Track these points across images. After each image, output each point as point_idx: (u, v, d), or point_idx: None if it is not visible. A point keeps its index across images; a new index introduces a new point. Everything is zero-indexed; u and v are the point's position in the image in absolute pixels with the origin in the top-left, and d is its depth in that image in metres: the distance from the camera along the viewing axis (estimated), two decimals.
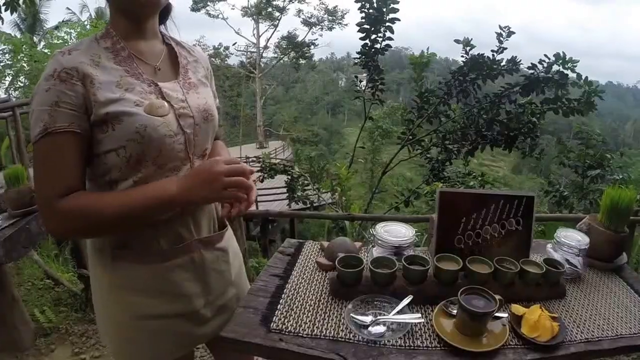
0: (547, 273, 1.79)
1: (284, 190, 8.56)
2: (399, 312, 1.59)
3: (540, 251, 2.12)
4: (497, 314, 1.55)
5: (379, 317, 1.56)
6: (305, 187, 8.29)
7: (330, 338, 1.51)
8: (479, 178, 7.61)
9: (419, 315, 1.60)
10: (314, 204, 8.96)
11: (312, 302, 1.70)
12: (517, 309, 1.64)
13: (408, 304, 1.64)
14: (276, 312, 1.63)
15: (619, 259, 2.12)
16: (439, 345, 1.50)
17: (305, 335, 1.52)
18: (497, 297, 1.58)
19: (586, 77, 6.85)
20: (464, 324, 1.55)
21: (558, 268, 1.82)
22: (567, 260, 1.94)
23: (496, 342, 1.49)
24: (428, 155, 7.99)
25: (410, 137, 7.85)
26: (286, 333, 1.53)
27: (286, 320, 1.59)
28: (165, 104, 1.46)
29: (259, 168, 8.21)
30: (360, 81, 7.93)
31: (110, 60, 1.41)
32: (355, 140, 9.35)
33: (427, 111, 7.59)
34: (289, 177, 8.03)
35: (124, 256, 1.54)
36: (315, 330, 1.54)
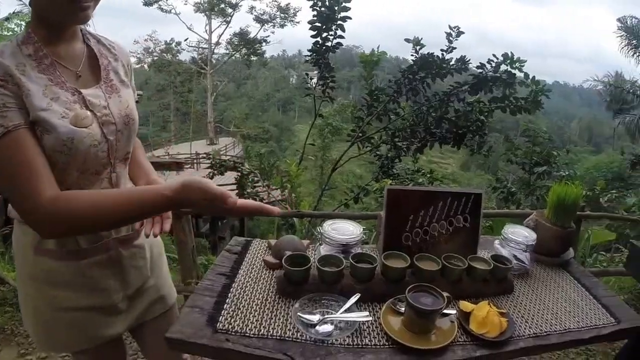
0: (495, 269, 1.79)
1: (234, 187, 8.44)
2: (346, 311, 1.57)
3: (488, 247, 2.12)
4: (445, 311, 1.55)
5: (326, 316, 1.54)
6: (255, 184, 8.21)
7: (278, 338, 1.48)
8: (428, 175, 7.68)
9: (367, 313, 1.58)
10: (264, 201, 8.83)
11: (259, 301, 1.67)
12: (466, 305, 1.64)
13: (356, 303, 1.62)
14: (222, 312, 1.59)
15: (565, 254, 2.15)
16: (387, 344, 1.48)
17: (252, 335, 1.49)
18: (445, 294, 1.56)
19: (533, 77, 7.08)
20: (412, 321, 1.53)
21: (505, 264, 1.82)
22: (515, 256, 1.95)
23: (444, 339, 1.48)
24: (378, 153, 8.05)
25: (360, 135, 7.95)
26: (233, 333, 1.50)
27: (233, 321, 1.55)
28: (89, 113, 1.45)
29: (209, 165, 8.12)
30: (311, 79, 7.95)
31: (34, 69, 1.38)
32: (306, 137, 9.31)
33: (376, 109, 7.70)
34: (239, 174, 7.91)
35: (45, 252, 1.54)
36: (262, 330, 1.51)
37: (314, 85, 7.73)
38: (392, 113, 7.77)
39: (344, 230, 1.90)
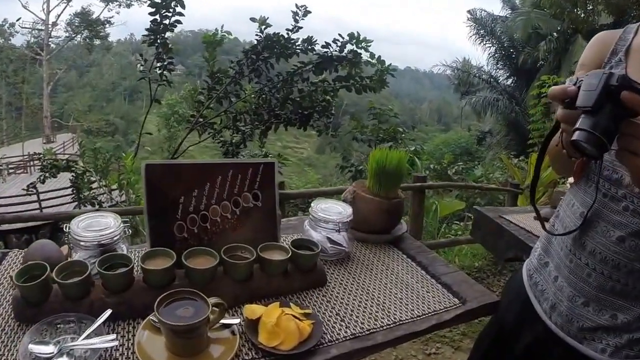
0: (296, 258, 1.43)
1: (71, 191, 7.59)
2: (94, 334, 1.18)
3: (301, 230, 1.79)
4: (225, 321, 1.21)
5: (64, 345, 1.14)
6: (92, 185, 7.41)
7: None
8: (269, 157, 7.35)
9: (113, 336, 1.17)
10: (104, 205, 8.01)
11: None
12: (252, 310, 1.25)
13: (110, 322, 1.26)
14: None
15: (396, 229, 1.86)
16: None
17: None
18: (213, 300, 1.17)
19: (379, 57, 7.02)
20: (171, 341, 1.13)
21: (312, 249, 1.47)
22: (329, 239, 1.61)
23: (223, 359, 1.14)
24: (221, 139, 7.58)
25: (201, 120, 7.44)
26: None
27: None
28: None
29: (40, 167, 7.46)
30: (146, 60, 7.17)
31: None
32: (141, 126, 8.56)
33: (217, 92, 7.20)
34: (73, 174, 7.07)
35: None
36: None
37: (149, 68, 7.02)
38: (232, 95, 7.33)
39: (97, 226, 1.43)
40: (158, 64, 6.98)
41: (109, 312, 1.23)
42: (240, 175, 1.48)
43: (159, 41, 6.71)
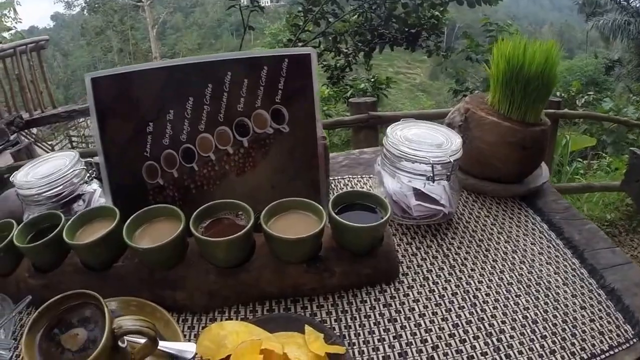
0: (339, 232, 0.78)
1: None
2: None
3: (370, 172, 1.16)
4: (170, 350, 0.69)
5: None
6: None
7: None
8: (372, 79, 6.79)
9: (8, 343, 0.78)
10: None
11: None
12: (213, 341, 0.68)
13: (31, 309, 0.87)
14: None
15: (533, 175, 1.14)
16: None
17: None
18: (130, 324, 0.62)
19: None
20: None
21: (378, 213, 0.81)
22: (416, 191, 0.94)
23: None
24: (324, 62, 6.98)
25: (299, 43, 6.84)
26: None
27: None
28: None
29: None
30: None
31: None
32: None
33: (313, 13, 6.62)
34: None
35: None
36: None
37: None
38: (330, 15, 6.68)
39: (48, 171, 0.99)
40: None
41: (27, 299, 0.86)
42: (247, 80, 0.86)
43: None
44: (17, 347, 0.77)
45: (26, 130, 6.82)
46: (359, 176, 1.18)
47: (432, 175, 0.89)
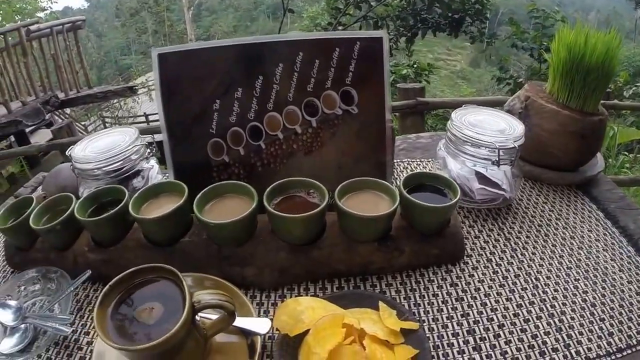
0: (410, 211, 0.80)
1: None
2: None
3: (434, 155, 1.15)
4: (240, 325, 0.69)
5: (29, 315, 0.81)
6: None
7: None
8: (414, 65, 6.59)
9: (69, 318, 0.78)
10: None
11: None
12: (291, 317, 0.68)
13: (101, 285, 0.89)
14: None
15: (589, 164, 1.14)
16: None
17: None
18: (208, 298, 0.63)
19: None
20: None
21: (445, 196, 0.83)
22: (479, 175, 0.96)
23: None
24: None
25: (339, 27, 6.79)
26: None
27: None
28: None
29: None
30: None
31: None
32: None
33: None
34: None
35: None
36: None
37: None
38: None
39: (106, 147, 0.99)
40: None
41: (87, 274, 0.86)
42: (319, 61, 0.88)
43: None
44: (74, 323, 0.80)
45: (60, 111, 6.91)
46: (417, 160, 1.20)
47: (497, 159, 0.90)
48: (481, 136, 0.92)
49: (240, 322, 0.68)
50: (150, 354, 0.58)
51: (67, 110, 7.34)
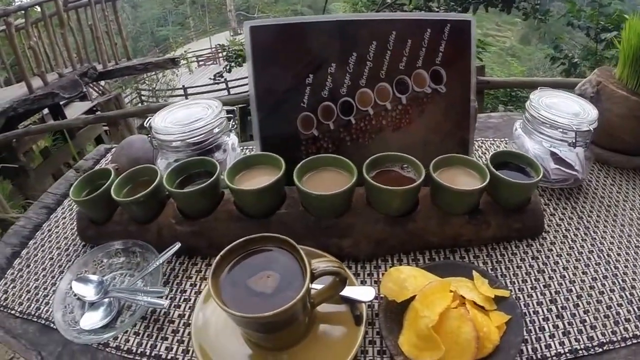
0: (497, 187, 0.85)
1: None
2: (150, 277, 0.85)
3: (507, 135, 1.23)
4: (346, 294, 0.73)
5: (111, 290, 0.83)
6: None
7: (44, 322, 0.83)
8: None
9: (164, 291, 0.80)
10: None
11: (58, 254, 0.99)
12: (397, 283, 0.72)
13: (186, 257, 0.92)
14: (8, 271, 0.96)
15: None
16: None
17: (19, 315, 0.86)
18: (323, 265, 0.67)
19: None
20: (248, 333, 0.70)
21: (528, 174, 0.88)
22: (554, 155, 1.01)
23: None
24: None
25: (388, 1, 6.71)
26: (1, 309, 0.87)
27: (12, 286, 0.92)
28: None
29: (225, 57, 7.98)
30: None
31: None
32: (322, 11, 8.16)
33: None
34: None
35: None
36: (36, 307, 0.86)
37: None
38: None
39: (187, 119, 1.01)
40: None
41: (177, 246, 0.86)
42: (411, 40, 0.92)
43: None
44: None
45: (94, 83, 6.98)
46: (491, 139, 1.25)
47: (574, 141, 0.95)
48: (559, 118, 0.97)
49: (345, 291, 0.70)
50: (270, 322, 0.60)
51: (102, 83, 7.40)
